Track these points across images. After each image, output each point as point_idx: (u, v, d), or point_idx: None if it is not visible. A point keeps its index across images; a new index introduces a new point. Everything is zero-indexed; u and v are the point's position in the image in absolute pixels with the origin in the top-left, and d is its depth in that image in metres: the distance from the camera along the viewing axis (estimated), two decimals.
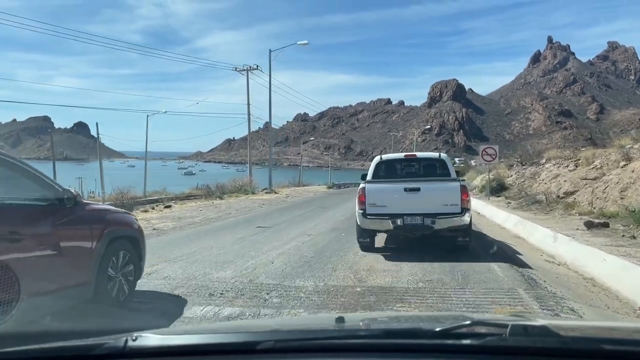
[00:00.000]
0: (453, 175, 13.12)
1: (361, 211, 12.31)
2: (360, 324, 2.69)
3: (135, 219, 8.29)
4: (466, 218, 12.04)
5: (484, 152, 28.51)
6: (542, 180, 26.24)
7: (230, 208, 25.34)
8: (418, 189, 12.13)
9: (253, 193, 38.47)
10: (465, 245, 12.38)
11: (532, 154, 37.09)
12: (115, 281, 7.12)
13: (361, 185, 12.77)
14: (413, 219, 11.97)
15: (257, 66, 45.26)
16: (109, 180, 47.30)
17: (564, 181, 22.38)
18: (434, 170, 13.54)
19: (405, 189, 12.18)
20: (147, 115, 60.08)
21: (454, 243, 12.40)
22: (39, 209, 6.10)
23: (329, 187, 57.64)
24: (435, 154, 14.34)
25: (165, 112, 59.80)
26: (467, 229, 12.27)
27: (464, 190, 12.21)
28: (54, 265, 5.95)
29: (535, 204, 22.03)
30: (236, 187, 42.02)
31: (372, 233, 12.73)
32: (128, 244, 7.57)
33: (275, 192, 41.53)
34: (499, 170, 37.60)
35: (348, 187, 67.12)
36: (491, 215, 21.39)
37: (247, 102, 46.09)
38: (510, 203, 24.86)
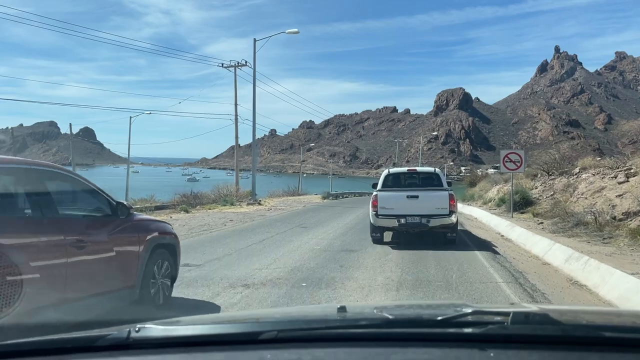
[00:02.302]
0: (445, 185, 16.55)
1: (374, 212, 15.76)
2: (363, 313, 2.78)
3: (172, 228, 9.04)
4: (453, 218, 15.56)
5: (506, 158, 23.09)
6: (582, 194, 20.92)
7: (184, 226, 19.68)
8: (417, 196, 15.62)
9: (232, 204, 33.33)
10: (452, 239, 15.77)
11: (560, 161, 31.26)
12: (157, 285, 7.88)
13: (374, 193, 16.24)
14: (413, 219, 15.36)
15: (246, 62, 40.24)
16: (106, 186, 44.31)
17: (618, 196, 17.02)
18: (430, 181, 16.89)
19: (408, 196, 15.69)
20: (130, 117, 55.95)
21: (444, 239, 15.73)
22: (99, 219, 7.03)
23: (324, 198, 51.10)
24: (431, 169, 18.13)
25: (150, 112, 56.44)
26: (454, 226, 15.88)
27: (452, 198, 15.67)
28: (108, 269, 6.83)
29: (580, 226, 16.69)
30: (220, 195, 37.38)
31: (382, 230, 16.05)
32: (167, 251, 8.32)
33: (259, 204, 36.34)
34: (520, 180, 32.24)
35: (347, 197, 60.79)
36: (522, 241, 16.27)
37: (235, 102, 41.23)
38: (542, 223, 19.53)
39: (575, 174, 25.29)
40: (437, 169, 17.86)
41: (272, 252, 13.76)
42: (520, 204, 25.48)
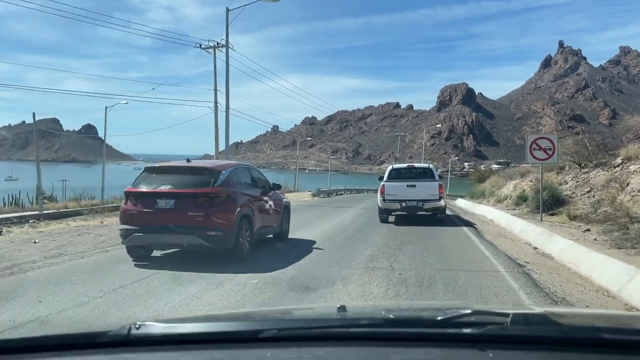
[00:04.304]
0: (436, 178, 21.12)
1: (382, 198, 20.53)
2: (363, 312, 2.84)
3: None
4: (442, 202, 20.35)
5: (534, 144, 18.12)
6: (637, 191, 15.84)
7: (98, 238, 14.72)
8: (415, 185, 20.28)
9: None
10: (442, 219, 20.52)
11: (594, 151, 25.71)
12: (284, 229, 15.05)
13: (382, 183, 21.00)
14: (411, 203, 19.98)
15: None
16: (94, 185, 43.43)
17: None
18: (425, 174, 21.32)
19: (407, 185, 20.35)
20: (106, 107, 51.77)
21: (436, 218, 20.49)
22: (268, 190, 13.97)
23: (314, 195, 45.21)
24: (426, 165, 24.15)
25: (126, 102, 52.70)
26: (443, 209, 20.79)
27: (441, 187, 20.48)
28: (269, 216, 13.65)
29: None
30: None
31: (388, 212, 20.76)
32: (287, 211, 15.49)
33: None
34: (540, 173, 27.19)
35: (341, 194, 55.26)
36: (570, 259, 11.50)
37: (214, 88, 35.96)
38: (589, 231, 14.52)
39: (618, 166, 20.28)
40: (430, 165, 23.78)
41: (165, 298, 8.02)
42: (549, 204, 20.40)
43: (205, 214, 10.59)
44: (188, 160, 12.20)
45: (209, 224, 10.59)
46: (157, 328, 2.16)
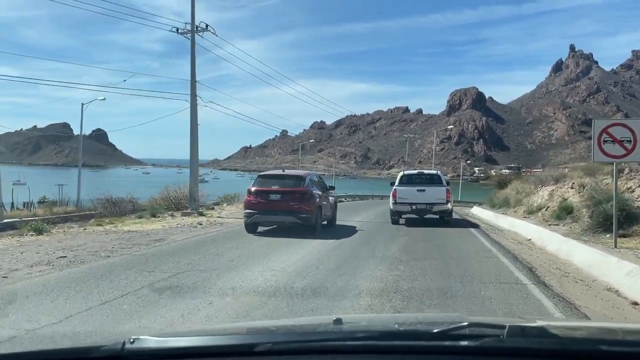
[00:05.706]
0: (443, 183, 23.53)
1: (394, 201, 22.58)
2: (359, 325, 2.88)
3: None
4: (449, 206, 22.62)
5: (604, 134, 12.73)
6: None
7: None
8: (424, 190, 22.42)
9: (153, 215, 24.81)
10: (448, 221, 22.62)
11: None
12: (334, 218, 21.34)
13: (393, 188, 23.17)
14: (421, 205, 22.16)
15: (207, 26, 30.77)
16: (98, 187, 43.52)
17: None
18: (433, 180, 23.86)
19: (417, 190, 22.45)
20: (82, 104, 52.31)
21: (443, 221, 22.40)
22: (326, 190, 20.55)
23: None
24: (434, 171, 27.38)
25: (104, 99, 51.84)
26: (450, 212, 23.12)
27: (448, 192, 22.77)
28: (328, 207, 20.10)
29: None
30: (165, 200, 30.93)
31: (399, 213, 22.72)
32: (335, 205, 22.11)
33: (202, 214, 26.33)
34: (583, 178, 22.55)
35: (342, 201, 45.03)
36: None
37: (191, 78, 30.47)
38: None
39: None
40: (438, 172, 26.39)
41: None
42: (621, 221, 14.60)
43: (299, 204, 17.23)
44: (283, 170, 21.01)
45: (301, 210, 17.15)
46: (151, 342, 2.13)
